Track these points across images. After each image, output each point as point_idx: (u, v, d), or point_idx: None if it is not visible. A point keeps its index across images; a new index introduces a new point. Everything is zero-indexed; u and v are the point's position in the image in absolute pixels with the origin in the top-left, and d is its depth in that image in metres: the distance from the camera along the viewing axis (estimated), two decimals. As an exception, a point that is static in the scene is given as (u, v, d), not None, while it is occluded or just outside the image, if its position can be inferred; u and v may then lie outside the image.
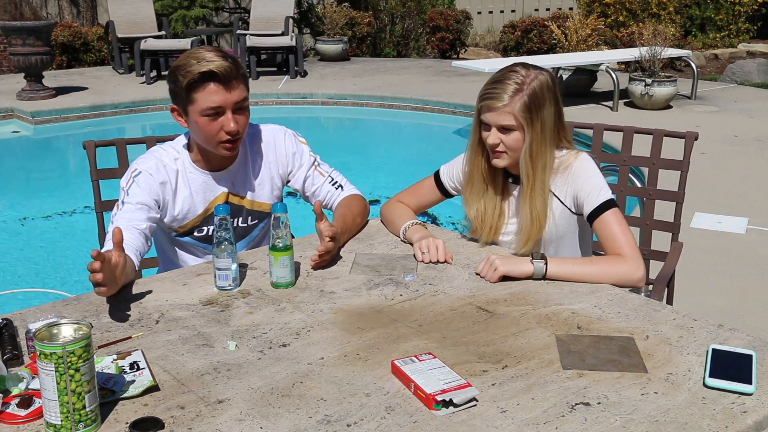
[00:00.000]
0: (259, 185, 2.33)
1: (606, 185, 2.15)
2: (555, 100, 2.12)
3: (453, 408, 1.39)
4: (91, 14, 12.40)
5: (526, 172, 2.12)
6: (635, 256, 2.03)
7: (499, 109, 2.07)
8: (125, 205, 2.14)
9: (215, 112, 2.10)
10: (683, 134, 2.70)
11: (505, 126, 2.08)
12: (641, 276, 2.00)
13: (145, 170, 2.19)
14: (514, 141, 2.10)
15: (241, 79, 2.12)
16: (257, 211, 2.35)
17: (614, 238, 2.07)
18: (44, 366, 1.29)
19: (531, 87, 2.07)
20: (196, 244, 2.34)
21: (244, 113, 2.16)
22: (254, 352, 1.62)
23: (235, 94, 2.10)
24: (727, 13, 12.71)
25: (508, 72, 2.11)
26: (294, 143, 2.38)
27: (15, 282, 4.48)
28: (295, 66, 10.00)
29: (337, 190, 2.41)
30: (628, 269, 2.00)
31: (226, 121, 2.11)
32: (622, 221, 2.10)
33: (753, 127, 7.28)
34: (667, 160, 2.74)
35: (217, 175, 2.27)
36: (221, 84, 2.08)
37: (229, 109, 2.11)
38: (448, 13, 12.51)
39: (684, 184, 2.71)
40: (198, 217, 2.28)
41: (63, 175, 7.14)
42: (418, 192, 2.42)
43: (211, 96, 2.08)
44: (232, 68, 2.09)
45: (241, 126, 2.14)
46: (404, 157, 7.55)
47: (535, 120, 2.07)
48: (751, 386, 1.44)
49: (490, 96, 2.09)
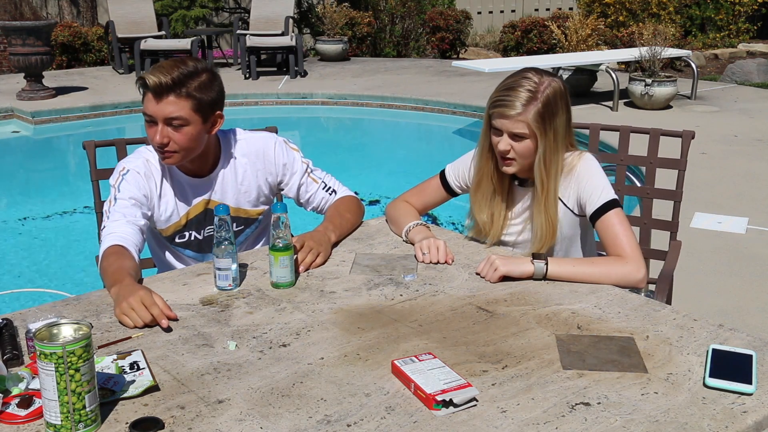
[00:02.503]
0: (245, 192, 2.34)
1: (609, 185, 2.14)
2: (567, 107, 2.11)
3: (453, 408, 1.39)
4: (91, 14, 12.40)
5: (541, 179, 2.11)
6: (637, 257, 2.02)
7: (513, 117, 2.05)
8: (118, 201, 2.15)
9: (150, 119, 2.14)
10: (680, 133, 2.71)
11: (517, 134, 2.07)
12: (642, 277, 2.00)
13: (132, 168, 2.21)
14: (525, 149, 2.08)
15: (182, 96, 2.10)
16: (242, 218, 2.36)
17: (616, 238, 2.07)
18: (44, 366, 1.29)
19: (545, 95, 2.05)
20: (178, 250, 2.35)
21: (179, 130, 2.13)
22: (254, 352, 1.62)
23: (165, 109, 2.10)
24: (727, 13, 12.71)
25: (520, 78, 2.08)
26: (284, 152, 2.37)
27: (15, 282, 4.48)
28: (295, 66, 10.00)
29: (330, 195, 2.42)
30: (629, 270, 2.00)
31: (156, 131, 2.13)
32: (625, 222, 2.10)
33: (753, 127, 7.28)
34: (664, 159, 2.74)
35: (199, 181, 2.29)
36: (153, 95, 2.10)
37: (160, 121, 2.12)
38: (448, 13, 12.51)
39: (682, 182, 2.72)
40: (179, 222, 2.30)
41: (63, 175, 7.13)
42: (424, 191, 2.42)
43: (146, 103, 2.13)
44: (166, 84, 2.08)
45: (176, 142, 2.13)
46: (404, 157, 7.55)
47: (548, 129, 2.06)
48: (751, 386, 1.44)
49: (503, 103, 2.06)
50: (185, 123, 2.12)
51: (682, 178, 2.72)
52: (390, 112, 8.87)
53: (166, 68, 2.11)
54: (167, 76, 2.08)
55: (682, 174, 2.72)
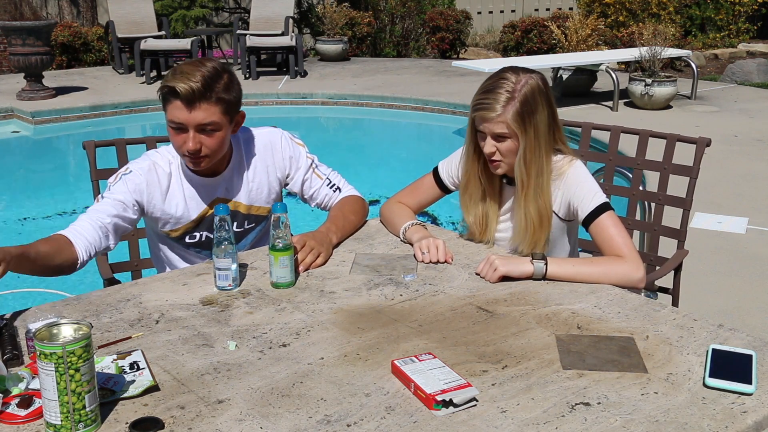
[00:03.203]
0: (257, 190, 2.32)
1: (599, 189, 2.15)
2: (548, 102, 2.10)
3: (453, 408, 1.39)
4: (91, 14, 12.40)
5: (521, 178, 2.12)
6: (634, 257, 2.03)
7: (493, 120, 2.06)
8: (103, 199, 2.15)
9: (179, 127, 2.10)
10: (695, 140, 2.64)
11: (498, 134, 2.08)
12: (641, 276, 2.00)
13: (135, 170, 2.19)
14: (508, 149, 2.10)
15: (212, 102, 2.07)
16: (254, 215, 2.34)
17: (612, 240, 2.07)
18: (44, 366, 1.29)
19: (522, 93, 2.05)
20: (189, 251, 2.34)
21: (211, 135, 2.11)
22: (254, 352, 1.62)
23: (198, 116, 2.07)
24: (727, 13, 12.71)
25: (498, 80, 2.09)
26: (291, 146, 2.37)
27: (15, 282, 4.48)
28: (295, 66, 10.00)
29: (335, 192, 2.41)
30: (628, 269, 2.00)
31: (186, 139, 2.10)
32: (619, 224, 2.10)
33: (753, 127, 7.28)
34: (678, 165, 2.68)
35: (211, 180, 2.26)
36: (183, 103, 2.06)
37: (191, 128, 2.08)
38: (448, 13, 12.51)
39: (692, 190, 2.65)
40: (192, 222, 2.28)
41: (63, 175, 7.14)
42: (418, 190, 2.42)
43: (174, 111, 2.08)
44: (198, 91, 2.04)
45: (207, 147, 2.11)
46: (404, 157, 7.55)
47: (528, 126, 2.07)
48: (751, 386, 1.44)
49: (483, 107, 2.08)
50: (217, 128, 2.11)
51: (693, 185, 2.65)
52: (390, 112, 8.87)
53: (190, 73, 2.05)
54: (197, 82, 2.04)
55: (693, 182, 2.65)
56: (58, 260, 1.98)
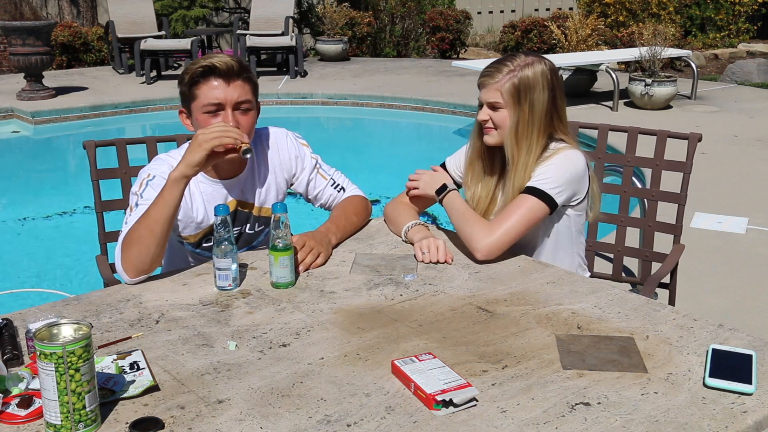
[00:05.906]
0: (266, 191, 2.30)
1: (558, 183, 2.15)
2: (550, 87, 2.15)
3: (453, 408, 1.39)
4: (91, 14, 12.40)
5: (511, 151, 2.17)
6: (496, 235, 2.08)
7: (489, 86, 2.15)
8: (138, 207, 2.07)
9: (216, 108, 2.09)
10: (686, 135, 2.67)
11: (492, 102, 2.16)
12: (480, 248, 2.08)
13: (159, 174, 2.12)
14: (501, 119, 2.16)
15: (245, 80, 2.12)
16: (263, 217, 2.31)
17: (505, 213, 2.13)
18: (44, 366, 1.29)
19: (524, 70, 2.13)
20: (203, 255, 2.28)
21: (246, 115, 2.13)
22: (254, 352, 1.62)
23: (235, 92, 2.09)
24: (727, 13, 12.71)
25: (509, 56, 2.19)
26: (296, 146, 2.36)
27: (15, 282, 4.48)
28: (295, 66, 10.00)
29: (339, 192, 2.40)
30: (478, 236, 2.09)
31: (225, 118, 2.08)
32: (528, 212, 2.12)
33: (753, 127, 7.28)
34: (670, 161, 2.70)
35: (227, 183, 2.24)
36: (222, 78, 2.08)
37: (229, 106, 2.09)
38: (448, 13, 12.51)
39: (687, 186, 2.68)
40: (210, 226, 2.22)
41: (63, 175, 7.14)
42: None
43: (211, 91, 2.08)
44: (235, 66, 2.09)
45: (244, 126, 2.10)
46: (404, 157, 7.54)
47: (523, 101, 2.13)
48: (751, 386, 1.44)
49: (486, 74, 2.18)
50: (251, 107, 2.14)
51: (687, 181, 2.67)
52: (390, 112, 8.86)
53: (222, 56, 2.11)
54: (232, 60, 2.09)
55: (687, 177, 2.66)
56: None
